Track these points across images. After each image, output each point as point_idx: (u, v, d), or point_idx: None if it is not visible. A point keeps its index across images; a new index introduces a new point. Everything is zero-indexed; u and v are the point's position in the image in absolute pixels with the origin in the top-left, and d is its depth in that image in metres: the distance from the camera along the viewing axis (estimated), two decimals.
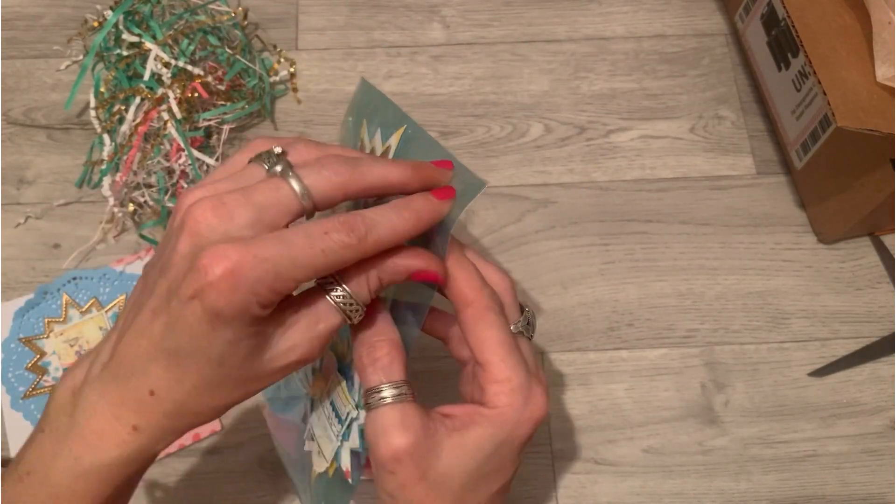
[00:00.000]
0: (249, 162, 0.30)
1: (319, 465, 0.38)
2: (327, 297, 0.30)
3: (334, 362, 0.37)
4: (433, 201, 0.31)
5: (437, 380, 0.45)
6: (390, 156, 0.34)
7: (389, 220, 0.30)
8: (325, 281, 0.30)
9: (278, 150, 0.30)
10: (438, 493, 0.32)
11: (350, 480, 0.36)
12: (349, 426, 0.36)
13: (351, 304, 0.30)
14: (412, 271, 0.31)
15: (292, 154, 0.30)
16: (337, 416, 0.36)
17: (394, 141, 0.35)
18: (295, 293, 0.30)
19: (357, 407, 0.35)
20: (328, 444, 0.37)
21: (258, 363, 0.29)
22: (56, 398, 0.31)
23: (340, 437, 0.36)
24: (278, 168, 0.29)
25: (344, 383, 0.36)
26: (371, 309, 0.32)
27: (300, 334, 0.30)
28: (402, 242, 0.31)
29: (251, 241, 0.27)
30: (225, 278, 0.26)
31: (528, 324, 0.35)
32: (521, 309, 0.36)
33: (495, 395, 0.32)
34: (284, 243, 0.27)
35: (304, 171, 0.29)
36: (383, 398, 0.31)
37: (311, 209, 0.29)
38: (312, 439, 0.39)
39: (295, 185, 0.28)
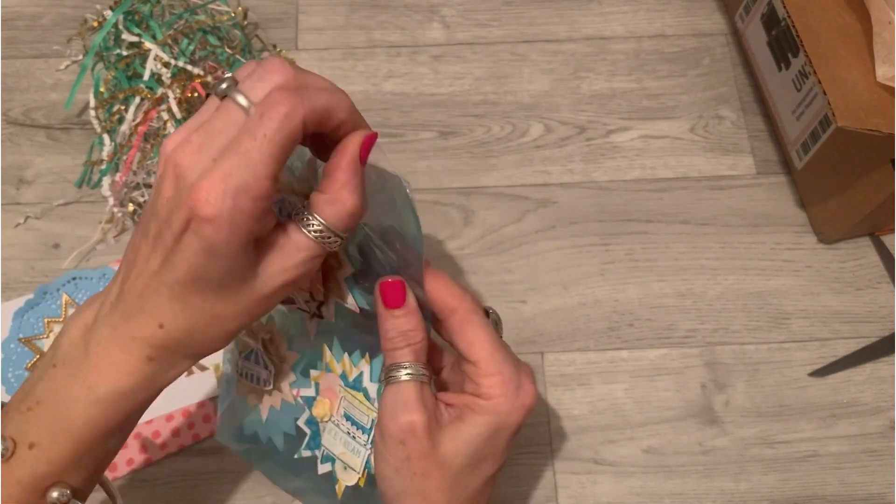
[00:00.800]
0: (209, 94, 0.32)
1: (350, 479, 0.39)
2: (300, 228, 0.32)
3: (338, 381, 0.39)
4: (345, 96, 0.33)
5: None
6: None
7: (319, 85, 0.31)
8: (301, 214, 0.32)
9: (228, 75, 0.31)
10: (440, 471, 0.34)
11: None
12: (372, 429, 0.37)
13: (324, 234, 0.32)
14: (363, 150, 0.33)
15: (239, 71, 0.31)
16: (358, 426, 0.38)
17: None
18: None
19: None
20: (355, 457, 0.38)
21: (252, 286, 0.31)
22: (68, 335, 0.33)
23: (369, 445, 0.38)
24: (223, 86, 0.30)
25: (360, 395, 0.38)
26: (404, 310, 0.35)
27: (286, 259, 0.32)
28: (335, 114, 0.32)
29: (215, 166, 0.29)
30: (207, 206, 0.28)
31: (496, 324, 0.38)
32: (486, 312, 0.37)
33: (489, 388, 0.35)
34: (236, 151, 0.29)
35: (246, 82, 0.30)
36: (409, 373, 0.34)
37: None
38: (325, 462, 0.40)
39: (239, 98, 0.30)
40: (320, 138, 0.33)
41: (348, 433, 0.38)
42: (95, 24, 0.57)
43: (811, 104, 0.52)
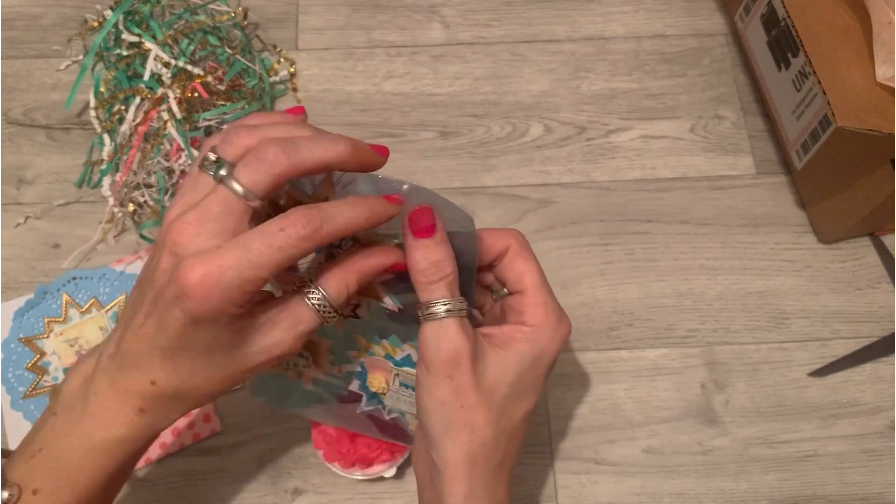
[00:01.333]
0: (200, 170, 0.33)
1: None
2: (306, 301, 0.33)
3: (385, 361, 0.41)
4: (384, 202, 0.34)
5: None
6: None
7: (344, 212, 0.32)
8: (305, 285, 0.34)
9: (213, 156, 0.32)
10: (486, 402, 0.35)
11: None
12: None
13: (326, 308, 0.34)
14: (382, 268, 0.35)
15: (230, 149, 0.32)
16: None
17: None
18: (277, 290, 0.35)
19: None
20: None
21: (243, 354, 0.33)
22: (68, 385, 0.35)
23: None
24: (221, 173, 0.31)
25: (406, 368, 0.40)
26: (434, 240, 0.35)
27: (282, 332, 0.33)
28: (355, 232, 0.33)
29: (215, 253, 0.30)
30: (197, 288, 0.30)
31: None
32: None
33: (534, 315, 0.36)
34: (244, 249, 0.30)
35: (242, 171, 0.31)
36: (448, 309, 0.35)
37: (259, 204, 0.31)
38: (392, 413, 0.43)
39: (236, 188, 0.31)
40: None
41: (410, 396, 0.41)
42: (96, 24, 0.57)
43: (811, 104, 0.52)
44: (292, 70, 0.62)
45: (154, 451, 0.50)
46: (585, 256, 0.56)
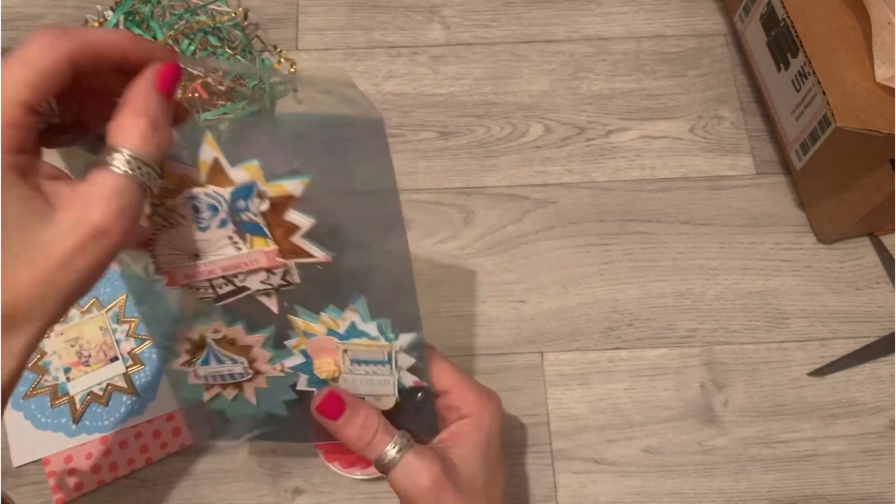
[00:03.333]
0: None
1: (388, 404, 0.40)
2: (111, 169, 0.29)
3: (329, 339, 0.39)
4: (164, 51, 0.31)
5: None
6: None
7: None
8: (106, 151, 0.29)
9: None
10: (473, 499, 0.38)
11: (425, 384, 0.40)
12: (391, 358, 0.38)
13: (139, 168, 0.29)
14: (160, 77, 0.31)
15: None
16: (375, 363, 0.39)
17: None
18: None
19: (389, 339, 0.38)
20: (385, 387, 0.40)
21: (48, 234, 0.28)
22: None
23: (394, 370, 0.39)
24: None
25: (362, 340, 0.39)
26: (347, 413, 0.38)
27: (93, 204, 0.28)
28: (115, 39, 0.30)
29: None
30: None
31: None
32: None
33: (468, 405, 0.39)
34: None
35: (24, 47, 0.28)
36: (399, 450, 0.37)
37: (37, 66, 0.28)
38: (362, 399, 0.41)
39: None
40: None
41: (366, 374, 0.39)
42: (96, 24, 0.57)
43: (810, 104, 0.52)
44: (292, 70, 0.62)
45: (155, 451, 0.50)
46: (585, 256, 0.56)
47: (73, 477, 0.49)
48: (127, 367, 0.52)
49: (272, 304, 0.38)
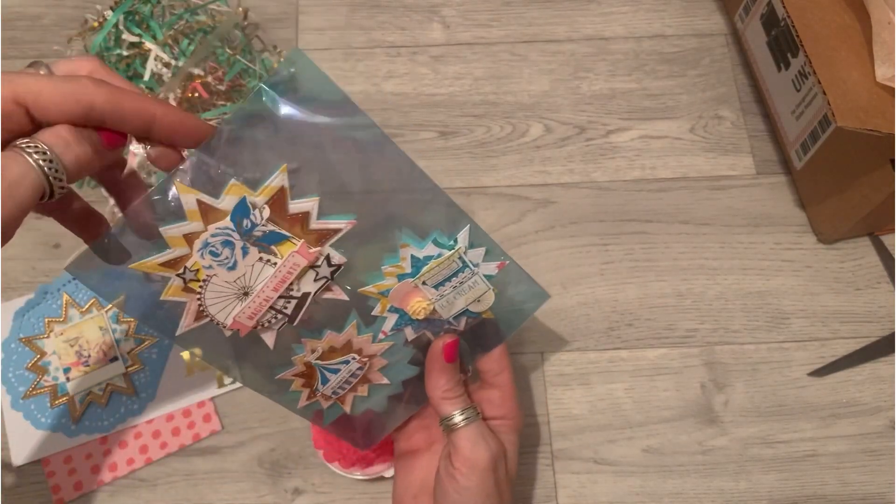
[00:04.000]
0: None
1: (490, 299, 0.41)
2: (22, 155, 0.28)
3: (404, 284, 0.39)
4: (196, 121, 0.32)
5: None
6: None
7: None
8: (25, 142, 0.29)
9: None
10: (510, 486, 0.42)
11: (507, 262, 0.41)
12: (464, 261, 0.39)
13: (52, 164, 0.28)
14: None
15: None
16: (455, 274, 0.39)
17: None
18: None
19: (450, 247, 0.38)
20: (476, 287, 0.40)
21: None
22: None
23: (473, 268, 0.40)
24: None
25: (430, 263, 0.39)
26: (454, 365, 0.42)
27: None
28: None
29: None
30: None
31: None
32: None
33: (511, 409, 0.43)
34: None
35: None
36: (475, 413, 0.41)
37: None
38: (460, 317, 0.42)
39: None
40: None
41: (454, 288, 0.40)
42: (96, 24, 0.57)
43: (811, 104, 0.52)
44: (292, 70, 0.62)
45: (154, 451, 0.50)
46: (585, 256, 0.56)
47: (72, 477, 0.49)
48: (127, 367, 0.52)
49: (338, 293, 0.38)
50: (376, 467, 0.48)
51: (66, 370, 0.52)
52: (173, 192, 0.33)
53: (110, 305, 0.54)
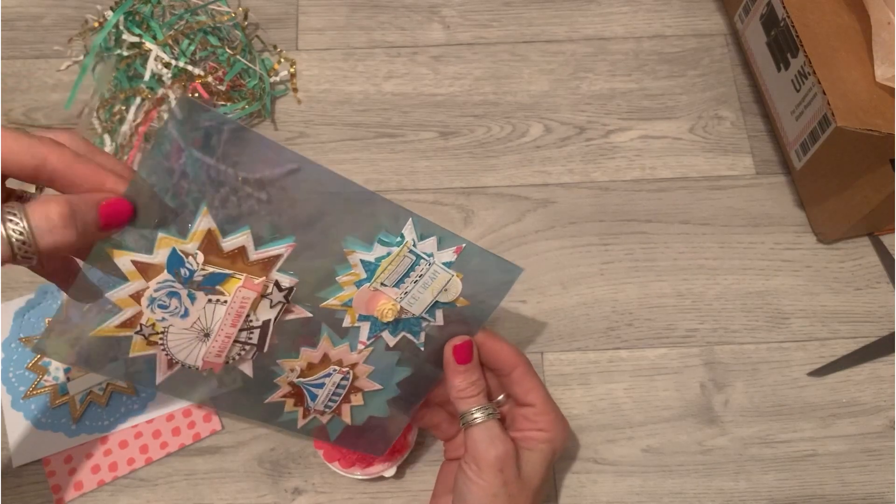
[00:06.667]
0: None
1: (457, 286, 0.40)
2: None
3: (364, 289, 0.39)
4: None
5: None
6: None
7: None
8: (10, 211, 0.29)
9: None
10: (526, 493, 0.42)
11: (464, 245, 0.39)
12: (416, 253, 0.39)
13: (23, 239, 0.29)
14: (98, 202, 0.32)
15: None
16: (412, 268, 0.39)
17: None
18: None
19: (398, 243, 0.38)
20: (438, 277, 0.40)
21: None
22: None
23: (429, 258, 0.39)
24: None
25: (382, 263, 0.38)
26: (472, 364, 0.42)
27: None
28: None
29: None
30: None
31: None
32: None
33: (547, 424, 0.43)
34: None
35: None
36: (489, 412, 0.42)
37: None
38: (432, 311, 0.41)
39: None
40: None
41: (416, 282, 0.39)
42: (96, 24, 0.57)
43: (810, 104, 0.52)
44: (292, 70, 0.62)
45: (155, 451, 0.50)
46: (585, 256, 0.56)
47: (73, 477, 0.49)
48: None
49: (300, 311, 0.38)
50: (376, 467, 0.48)
51: (67, 370, 0.52)
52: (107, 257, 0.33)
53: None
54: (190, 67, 0.56)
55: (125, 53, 0.56)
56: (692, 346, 0.54)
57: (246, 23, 0.63)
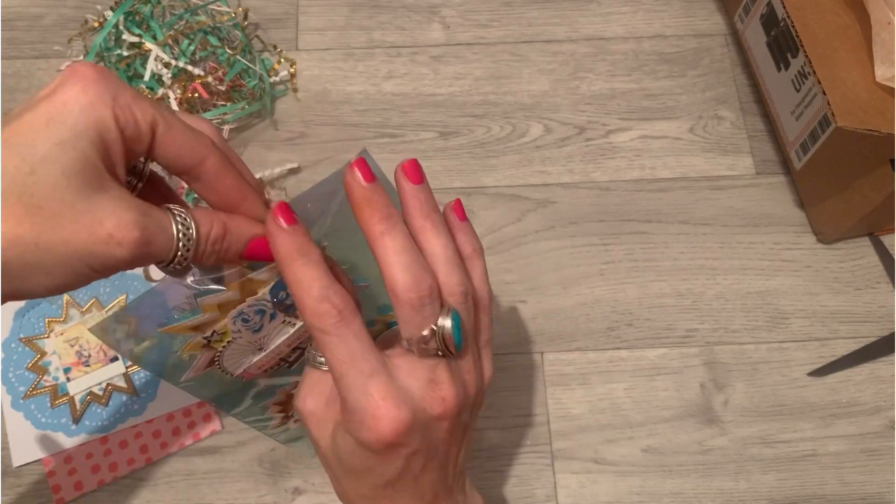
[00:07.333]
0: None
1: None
2: (169, 212, 0.29)
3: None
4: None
5: None
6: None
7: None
8: (176, 208, 0.30)
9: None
10: None
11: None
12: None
13: (187, 232, 0.29)
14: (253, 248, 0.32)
15: None
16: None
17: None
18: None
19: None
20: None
21: (79, 205, 0.26)
22: None
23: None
24: None
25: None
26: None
27: (130, 214, 0.27)
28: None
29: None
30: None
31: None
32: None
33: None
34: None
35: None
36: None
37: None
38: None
39: None
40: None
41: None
42: (96, 24, 0.57)
43: (810, 104, 0.52)
44: (292, 70, 0.62)
45: (155, 451, 0.50)
46: (585, 256, 0.56)
47: (73, 477, 0.49)
48: (127, 367, 0.52)
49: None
50: None
51: (67, 370, 0.52)
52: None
53: (110, 305, 0.54)
54: (190, 67, 0.56)
55: (125, 53, 0.56)
56: (692, 346, 0.54)
57: (246, 23, 0.63)
